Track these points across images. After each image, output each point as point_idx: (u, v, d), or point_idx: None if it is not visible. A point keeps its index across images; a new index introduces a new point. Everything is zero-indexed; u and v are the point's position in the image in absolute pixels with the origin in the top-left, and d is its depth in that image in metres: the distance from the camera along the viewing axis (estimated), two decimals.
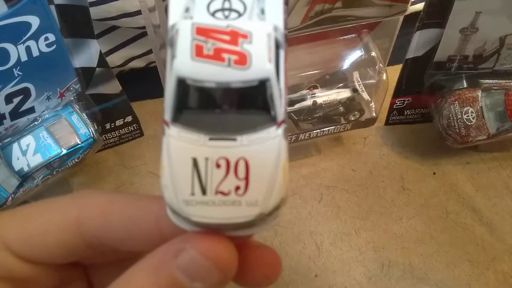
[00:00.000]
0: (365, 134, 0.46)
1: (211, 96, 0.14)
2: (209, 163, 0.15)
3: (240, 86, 0.14)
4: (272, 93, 0.15)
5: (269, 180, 0.15)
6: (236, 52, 0.14)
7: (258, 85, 0.15)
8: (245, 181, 0.15)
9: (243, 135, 0.15)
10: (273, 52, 0.15)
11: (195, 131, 0.15)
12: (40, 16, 0.34)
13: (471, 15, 0.37)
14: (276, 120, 0.15)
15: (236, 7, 0.15)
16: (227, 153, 0.15)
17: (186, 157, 0.15)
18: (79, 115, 0.40)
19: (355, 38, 0.41)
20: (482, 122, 0.40)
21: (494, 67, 0.41)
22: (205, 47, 0.14)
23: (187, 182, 0.15)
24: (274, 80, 0.15)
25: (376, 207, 0.41)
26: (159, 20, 0.35)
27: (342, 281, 0.36)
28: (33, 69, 0.36)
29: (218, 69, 0.14)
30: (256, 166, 0.15)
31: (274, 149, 0.15)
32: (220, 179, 0.15)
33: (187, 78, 0.14)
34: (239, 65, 0.14)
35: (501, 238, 0.39)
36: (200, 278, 0.14)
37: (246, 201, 0.15)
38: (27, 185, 0.38)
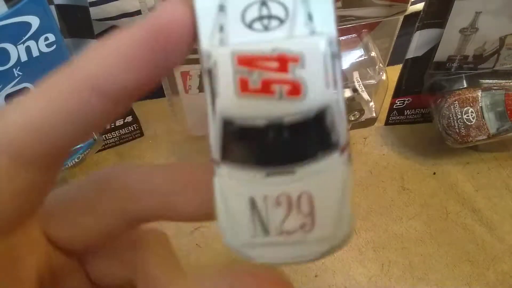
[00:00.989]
0: (365, 134, 0.46)
1: (262, 133, 0.13)
2: (268, 202, 0.13)
3: (295, 119, 0.12)
4: (334, 119, 0.13)
5: (337, 213, 0.13)
6: (288, 81, 0.12)
7: (316, 116, 0.12)
8: (311, 217, 0.13)
9: (302, 168, 0.13)
10: (331, 72, 0.12)
11: (249, 168, 0.13)
12: (40, 16, 0.34)
13: (471, 15, 0.37)
14: (338, 145, 0.13)
15: (276, 12, 0.12)
16: (286, 189, 0.13)
17: (242, 197, 0.13)
18: None
19: (355, 38, 0.41)
20: (482, 122, 0.40)
21: (494, 67, 0.41)
22: (251, 80, 0.12)
23: (247, 225, 0.13)
24: (335, 106, 0.13)
25: (376, 207, 0.41)
26: None
27: (342, 281, 0.36)
28: (33, 69, 0.36)
29: (268, 104, 0.12)
30: (321, 200, 0.13)
31: (340, 178, 0.13)
32: (283, 217, 0.13)
33: (234, 118, 0.13)
34: (292, 96, 0.12)
35: (501, 238, 0.39)
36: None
37: (314, 238, 0.13)
38: None
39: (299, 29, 0.12)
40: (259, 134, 0.13)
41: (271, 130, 0.12)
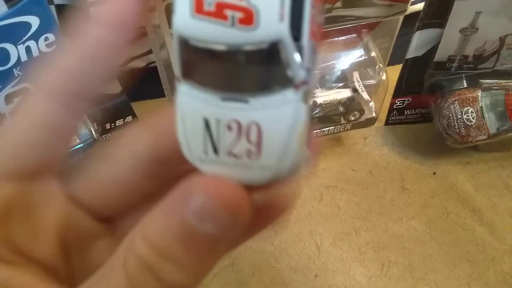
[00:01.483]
0: (365, 134, 0.46)
1: (216, 58, 0.13)
2: (220, 125, 0.14)
3: (248, 49, 0.12)
4: (287, 54, 0.12)
5: (282, 147, 0.13)
6: (241, 8, 0.12)
7: (268, 48, 0.12)
8: (257, 146, 0.14)
9: (255, 98, 0.13)
10: (288, 5, 0.12)
11: (206, 89, 0.13)
12: (40, 16, 0.34)
13: (471, 15, 0.37)
14: (293, 81, 0.13)
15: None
16: (238, 116, 0.13)
17: (198, 116, 0.14)
18: None
19: (355, 38, 0.41)
20: (482, 122, 0.40)
21: (494, 67, 0.41)
22: (206, 2, 0.12)
23: (200, 141, 0.14)
24: (288, 40, 0.12)
25: (376, 207, 0.41)
26: (159, 20, 0.35)
27: (342, 281, 0.36)
28: None
29: (219, 29, 0.12)
30: (269, 132, 0.13)
31: (290, 114, 0.13)
32: (232, 141, 0.14)
33: (189, 38, 0.13)
34: (244, 25, 0.12)
35: (501, 238, 0.39)
36: (210, 219, 0.14)
37: (259, 166, 0.14)
38: None
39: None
40: (216, 58, 0.13)
41: (226, 56, 0.13)
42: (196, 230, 0.14)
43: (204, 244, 0.14)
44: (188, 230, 0.14)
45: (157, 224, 0.14)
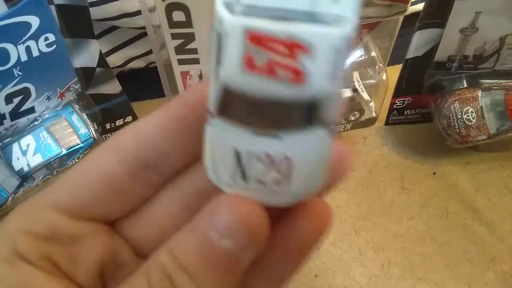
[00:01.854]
0: (365, 134, 0.46)
1: (259, 104, 0.13)
2: (251, 156, 0.14)
3: (292, 102, 0.13)
4: (328, 108, 0.13)
5: (311, 177, 0.14)
6: (291, 67, 0.12)
7: (310, 102, 0.13)
8: (286, 177, 0.14)
9: (288, 134, 0.13)
10: (339, 68, 0.12)
11: (240, 126, 0.14)
12: (40, 16, 0.34)
13: (471, 15, 0.37)
14: (326, 122, 0.13)
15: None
16: (269, 149, 0.14)
17: (228, 147, 0.14)
18: (79, 115, 0.40)
19: None
20: (482, 122, 0.40)
21: (494, 67, 0.41)
22: (256, 59, 0.12)
23: (229, 169, 0.14)
24: (330, 97, 0.13)
25: (376, 207, 0.41)
26: (159, 20, 0.35)
27: (342, 281, 0.36)
28: (33, 69, 0.36)
29: (268, 85, 0.12)
30: (299, 165, 0.14)
31: (319, 149, 0.14)
32: (261, 171, 0.14)
33: (235, 89, 0.13)
34: (293, 82, 0.12)
35: (501, 238, 0.39)
36: (229, 235, 0.14)
37: (285, 192, 0.14)
38: (27, 185, 0.38)
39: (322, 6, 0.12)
40: (255, 104, 0.13)
41: (267, 104, 0.13)
42: (215, 247, 0.14)
43: (222, 261, 0.15)
44: (208, 245, 0.14)
45: (182, 238, 0.15)
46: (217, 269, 0.15)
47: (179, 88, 0.41)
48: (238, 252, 0.15)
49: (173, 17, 0.35)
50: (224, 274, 0.15)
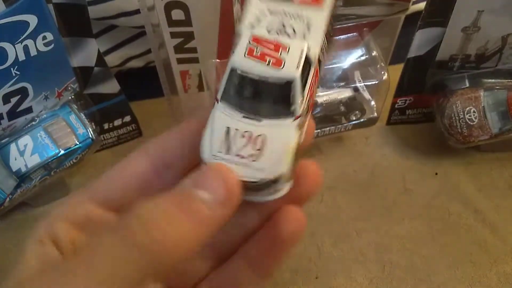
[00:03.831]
0: (367, 134, 0.46)
1: (252, 84, 0.20)
2: (237, 133, 0.20)
3: (273, 81, 0.19)
4: (295, 92, 0.19)
5: (276, 156, 0.19)
6: (275, 57, 0.20)
7: (285, 83, 0.19)
8: (259, 152, 0.19)
9: (267, 119, 0.20)
10: (302, 63, 0.19)
11: (235, 109, 0.20)
12: (38, 15, 0.34)
13: (473, 14, 0.37)
14: (294, 114, 0.20)
15: (288, 31, 0.20)
16: (251, 129, 0.20)
17: (223, 125, 0.20)
18: (77, 115, 0.40)
19: (356, 37, 0.41)
20: (485, 121, 0.40)
21: (497, 66, 0.41)
22: (255, 50, 0.20)
23: (219, 142, 0.20)
24: (298, 83, 0.19)
25: (378, 208, 0.41)
26: (158, 19, 0.35)
27: (343, 283, 0.36)
28: (31, 69, 0.35)
29: (260, 66, 0.19)
30: (269, 142, 0.19)
31: (286, 134, 0.20)
32: (242, 145, 0.20)
33: (238, 69, 0.20)
34: (275, 66, 0.19)
35: (504, 238, 0.38)
36: (206, 187, 0.18)
37: (256, 166, 0.19)
38: (24, 185, 0.38)
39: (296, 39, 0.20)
40: (249, 84, 0.20)
41: (258, 83, 0.20)
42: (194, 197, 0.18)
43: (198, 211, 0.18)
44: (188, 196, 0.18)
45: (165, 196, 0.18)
46: (192, 217, 0.17)
47: (178, 87, 0.41)
48: (213, 205, 0.18)
49: (172, 16, 0.34)
50: (199, 224, 0.18)
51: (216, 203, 0.18)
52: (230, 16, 0.35)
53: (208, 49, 0.38)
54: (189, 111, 0.43)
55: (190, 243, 0.18)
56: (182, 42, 0.36)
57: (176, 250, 0.17)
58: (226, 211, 0.18)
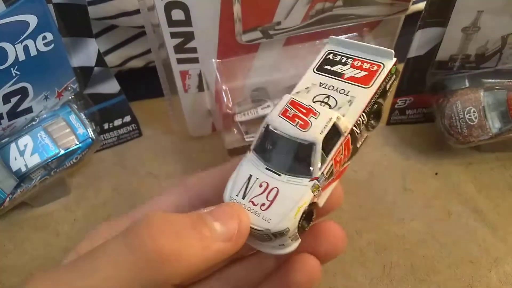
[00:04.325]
0: None
1: (279, 140, 0.22)
2: (256, 182, 0.22)
3: (297, 141, 0.21)
4: (315, 155, 0.21)
5: (284, 211, 0.21)
6: (304, 120, 0.22)
7: (307, 145, 0.21)
8: (270, 203, 0.21)
9: (286, 174, 0.22)
10: (327, 130, 0.21)
11: (261, 160, 0.22)
12: (38, 15, 0.34)
13: (473, 14, 0.37)
14: (311, 175, 0.21)
15: (330, 102, 0.23)
16: (269, 180, 0.22)
17: (247, 172, 0.22)
18: (77, 115, 0.40)
19: (356, 37, 0.41)
20: (485, 122, 0.40)
21: (497, 66, 0.41)
22: (289, 111, 0.22)
23: (239, 187, 0.22)
24: (319, 147, 0.21)
25: (378, 208, 0.41)
26: (158, 19, 0.35)
27: (343, 283, 0.36)
28: (31, 69, 0.35)
29: (288, 125, 0.22)
30: (281, 196, 0.21)
31: (299, 193, 0.21)
32: (257, 194, 0.21)
33: (270, 124, 0.22)
34: (301, 127, 0.22)
35: (504, 238, 0.38)
36: (220, 219, 0.19)
37: (263, 216, 0.21)
38: (24, 185, 0.38)
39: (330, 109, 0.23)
40: (277, 140, 0.22)
41: (284, 140, 0.22)
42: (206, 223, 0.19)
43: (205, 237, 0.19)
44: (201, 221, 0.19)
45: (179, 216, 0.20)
46: (201, 240, 0.18)
47: (178, 87, 0.40)
48: (222, 237, 0.19)
49: (172, 16, 0.34)
50: (205, 249, 0.18)
51: (225, 237, 0.19)
52: (230, 16, 0.35)
53: (208, 49, 0.38)
54: (189, 111, 0.43)
55: (192, 263, 0.18)
56: (182, 42, 0.36)
57: (178, 265, 0.18)
58: (231, 247, 0.19)
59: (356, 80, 0.23)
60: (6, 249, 0.39)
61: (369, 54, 0.24)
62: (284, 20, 0.36)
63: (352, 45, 0.25)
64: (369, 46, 0.25)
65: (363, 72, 0.24)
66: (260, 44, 0.38)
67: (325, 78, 0.24)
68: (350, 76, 0.24)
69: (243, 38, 0.36)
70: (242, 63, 0.39)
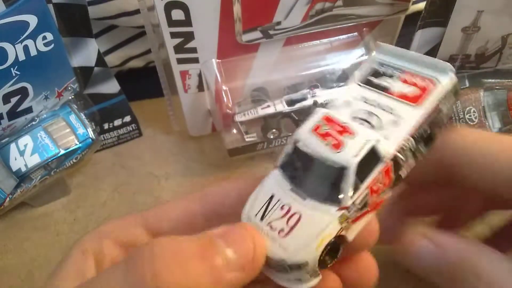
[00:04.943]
0: None
1: (307, 160, 0.19)
2: (278, 203, 0.19)
3: (326, 163, 0.18)
4: (347, 181, 0.18)
5: (304, 241, 0.18)
6: (337, 139, 0.19)
7: (338, 169, 0.18)
8: (289, 229, 0.18)
9: (311, 199, 0.19)
10: (364, 153, 0.18)
11: (286, 179, 0.20)
12: (38, 15, 0.34)
13: (473, 14, 0.37)
14: (340, 203, 0.18)
15: (372, 121, 0.20)
16: (293, 204, 0.19)
17: (270, 191, 0.20)
18: (77, 115, 0.40)
19: (356, 37, 0.41)
20: (485, 121, 0.40)
21: (497, 66, 0.41)
22: (321, 128, 0.19)
23: (259, 207, 0.19)
24: (351, 172, 0.18)
25: None
26: (158, 19, 0.35)
27: None
28: (31, 69, 0.35)
29: (318, 143, 0.19)
30: (303, 223, 0.18)
31: (324, 222, 0.18)
32: (277, 217, 0.19)
33: (299, 141, 0.20)
34: (333, 148, 0.19)
35: None
36: (233, 245, 0.17)
37: (280, 243, 0.18)
38: (24, 185, 0.38)
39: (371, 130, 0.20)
40: (305, 159, 0.19)
41: (312, 160, 0.19)
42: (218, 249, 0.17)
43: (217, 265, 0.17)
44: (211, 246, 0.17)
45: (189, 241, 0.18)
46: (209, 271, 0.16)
47: (178, 87, 0.40)
48: (234, 266, 0.17)
49: (172, 16, 0.34)
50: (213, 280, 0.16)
51: (238, 265, 0.17)
52: (230, 16, 0.35)
53: (208, 49, 0.38)
54: (189, 111, 0.43)
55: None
56: (182, 42, 0.36)
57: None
58: (244, 276, 0.17)
59: (406, 98, 0.20)
60: (6, 249, 0.39)
61: (421, 66, 0.21)
62: (284, 20, 0.36)
63: (403, 55, 0.22)
64: (423, 57, 0.21)
65: (414, 89, 0.20)
66: (260, 44, 0.38)
67: (368, 92, 0.21)
68: (399, 93, 0.20)
69: (243, 38, 0.36)
70: (242, 63, 0.39)
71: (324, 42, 0.40)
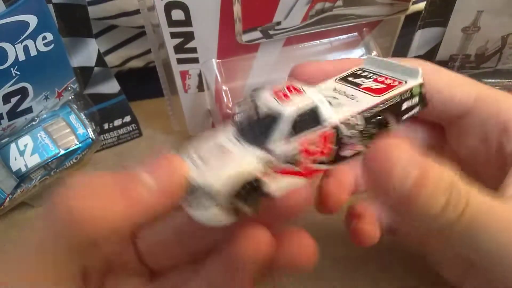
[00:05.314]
0: None
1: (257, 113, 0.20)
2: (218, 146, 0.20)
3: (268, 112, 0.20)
4: (277, 128, 0.19)
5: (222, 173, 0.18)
6: (287, 96, 0.20)
7: (275, 117, 0.19)
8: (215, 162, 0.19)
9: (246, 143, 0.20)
10: (304, 108, 0.19)
11: (235, 130, 0.21)
12: (38, 15, 0.34)
13: (473, 14, 0.37)
14: (265, 148, 0.19)
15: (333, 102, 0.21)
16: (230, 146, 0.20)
17: (218, 139, 0.21)
18: (77, 115, 0.40)
19: (356, 37, 0.41)
20: None
21: (497, 66, 0.41)
22: (280, 91, 0.20)
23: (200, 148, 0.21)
24: (285, 120, 0.19)
25: None
26: (158, 19, 0.35)
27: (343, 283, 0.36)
28: (31, 69, 0.35)
29: (270, 99, 0.20)
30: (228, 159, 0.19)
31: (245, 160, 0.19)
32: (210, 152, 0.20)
33: (253, 96, 0.21)
34: (280, 101, 0.20)
35: None
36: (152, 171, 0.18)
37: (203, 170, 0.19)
38: (24, 185, 0.38)
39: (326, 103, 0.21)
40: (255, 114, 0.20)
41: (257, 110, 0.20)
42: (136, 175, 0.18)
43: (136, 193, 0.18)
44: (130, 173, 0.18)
45: None
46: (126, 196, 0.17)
47: (178, 87, 0.41)
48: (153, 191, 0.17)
49: (172, 16, 0.34)
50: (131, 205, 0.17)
51: (156, 190, 0.17)
52: (230, 16, 0.35)
53: (208, 49, 0.38)
54: (189, 111, 0.43)
55: (115, 222, 0.16)
56: (182, 42, 0.37)
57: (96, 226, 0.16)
58: (164, 200, 0.17)
59: (370, 90, 0.22)
60: (6, 249, 0.39)
61: (397, 72, 0.23)
62: (284, 20, 0.36)
63: (386, 65, 0.24)
64: (397, 64, 0.23)
65: (381, 85, 0.22)
66: (260, 44, 0.38)
67: (341, 85, 0.23)
68: (366, 87, 0.22)
69: (243, 38, 0.37)
70: (242, 63, 0.39)
71: (324, 42, 0.40)
